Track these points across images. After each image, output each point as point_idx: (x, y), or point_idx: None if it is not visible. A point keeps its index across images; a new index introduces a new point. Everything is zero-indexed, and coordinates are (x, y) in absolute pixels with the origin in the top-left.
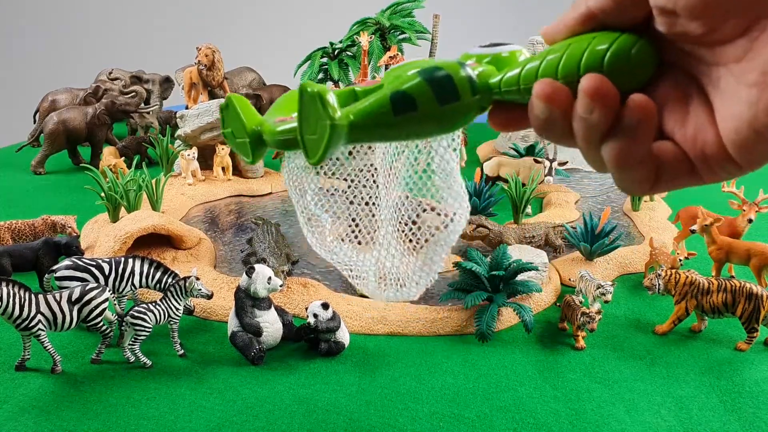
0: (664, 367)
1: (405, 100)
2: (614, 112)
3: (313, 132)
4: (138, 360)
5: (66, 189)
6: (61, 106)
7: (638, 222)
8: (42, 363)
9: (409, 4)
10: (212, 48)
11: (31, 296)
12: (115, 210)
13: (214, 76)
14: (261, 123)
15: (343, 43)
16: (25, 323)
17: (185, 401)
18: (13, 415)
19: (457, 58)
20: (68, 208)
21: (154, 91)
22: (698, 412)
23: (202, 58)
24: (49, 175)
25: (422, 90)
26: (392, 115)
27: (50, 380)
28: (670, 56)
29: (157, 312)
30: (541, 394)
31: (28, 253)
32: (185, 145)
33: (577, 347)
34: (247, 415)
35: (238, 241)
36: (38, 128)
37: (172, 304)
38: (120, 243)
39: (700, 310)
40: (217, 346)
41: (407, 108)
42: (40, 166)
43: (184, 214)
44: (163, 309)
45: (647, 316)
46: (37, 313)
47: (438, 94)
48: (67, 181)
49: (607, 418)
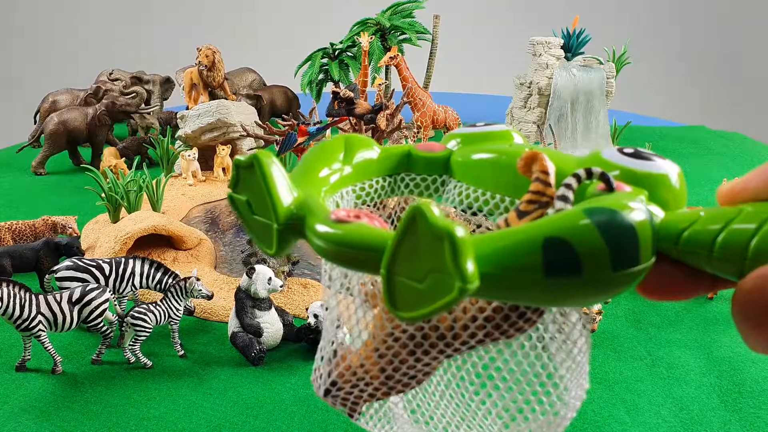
0: (665, 368)
1: (566, 258)
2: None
3: (417, 277)
4: (138, 360)
5: (66, 190)
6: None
7: None
8: (42, 363)
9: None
10: (213, 49)
11: (32, 297)
12: (116, 211)
13: (214, 77)
14: (303, 204)
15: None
16: (26, 324)
17: (185, 401)
18: (14, 415)
19: (446, 139)
20: (69, 208)
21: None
22: (699, 413)
23: (202, 59)
24: (49, 176)
25: (595, 246)
26: (542, 275)
27: (51, 381)
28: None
29: (157, 312)
30: None
31: (29, 253)
32: (186, 146)
33: None
34: (247, 415)
35: (238, 241)
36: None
37: (173, 305)
38: (120, 243)
39: None
40: (218, 346)
41: (567, 269)
42: (40, 167)
43: (185, 215)
44: (164, 309)
45: (648, 316)
46: (38, 314)
47: (615, 254)
48: (67, 182)
49: (608, 419)
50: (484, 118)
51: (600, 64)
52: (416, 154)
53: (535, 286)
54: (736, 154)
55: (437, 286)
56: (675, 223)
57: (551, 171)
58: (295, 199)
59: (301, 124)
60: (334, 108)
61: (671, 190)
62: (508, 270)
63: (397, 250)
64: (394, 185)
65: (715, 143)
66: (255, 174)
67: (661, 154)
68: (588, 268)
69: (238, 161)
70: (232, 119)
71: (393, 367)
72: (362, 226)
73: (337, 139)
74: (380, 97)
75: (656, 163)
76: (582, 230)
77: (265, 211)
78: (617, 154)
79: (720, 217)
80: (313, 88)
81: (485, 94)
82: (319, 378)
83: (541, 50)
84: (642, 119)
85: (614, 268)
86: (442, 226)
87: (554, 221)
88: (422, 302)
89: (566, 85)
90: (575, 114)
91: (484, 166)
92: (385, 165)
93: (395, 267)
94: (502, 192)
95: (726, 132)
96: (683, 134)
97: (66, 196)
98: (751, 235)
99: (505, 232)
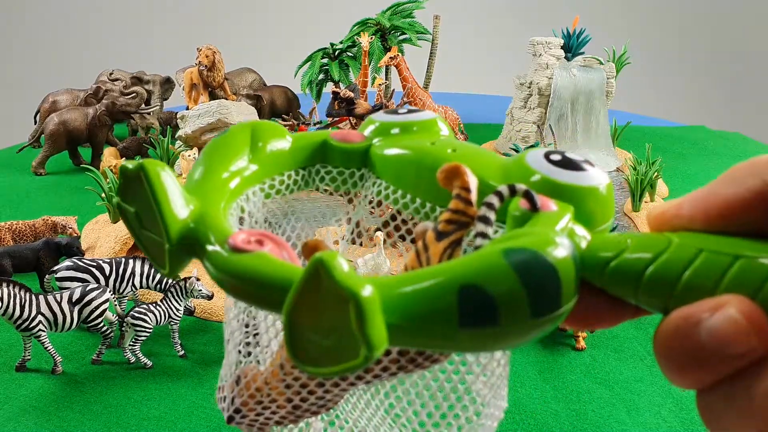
0: None
1: (482, 307)
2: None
3: (321, 332)
4: (138, 360)
5: (66, 190)
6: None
7: (639, 222)
8: (42, 364)
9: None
10: (213, 49)
11: (32, 297)
12: (116, 211)
13: (214, 77)
14: (199, 220)
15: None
16: (26, 324)
17: (186, 401)
18: (14, 415)
19: (364, 126)
20: (69, 209)
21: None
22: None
23: (202, 59)
24: (49, 176)
25: (513, 293)
26: (455, 327)
27: (51, 381)
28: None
29: (157, 313)
30: (542, 395)
31: (29, 253)
32: (186, 146)
33: (578, 348)
34: None
35: None
36: (39, 129)
37: (173, 305)
38: (120, 244)
39: None
40: (218, 346)
41: (483, 319)
42: (40, 167)
43: None
44: (164, 310)
45: (648, 316)
46: (38, 314)
47: (535, 301)
48: (67, 182)
49: (608, 419)
50: (484, 118)
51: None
52: (332, 145)
53: (447, 338)
54: (737, 155)
55: (342, 346)
56: (602, 251)
57: (473, 188)
58: (191, 214)
59: (301, 124)
60: (334, 108)
61: (599, 202)
62: (419, 322)
63: (300, 298)
64: (309, 178)
65: (715, 143)
66: (143, 186)
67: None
68: (505, 317)
69: (124, 168)
70: (233, 119)
71: (301, 397)
72: (263, 258)
73: (241, 130)
74: (380, 97)
75: (585, 174)
76: (500, 276)
77: (155, 228)
78: (543, 160)
79: (649, 246)
80: (313, 88)
81: (485, 94)
82: (223, 401)
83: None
84: (642, 119)
85: (534, 315)
86: (348, 287)
87: (470, 265)
88: (326, 360)
89: (566, 86)
90: (575, 114)
91: (404, 164)
92: (297, 157)
93: (297, 316)
94: (423, 197)
95: (726, 132)
96: (683, 134)
97: (66, 197)
98: (681, 272)
99: (415, 276)
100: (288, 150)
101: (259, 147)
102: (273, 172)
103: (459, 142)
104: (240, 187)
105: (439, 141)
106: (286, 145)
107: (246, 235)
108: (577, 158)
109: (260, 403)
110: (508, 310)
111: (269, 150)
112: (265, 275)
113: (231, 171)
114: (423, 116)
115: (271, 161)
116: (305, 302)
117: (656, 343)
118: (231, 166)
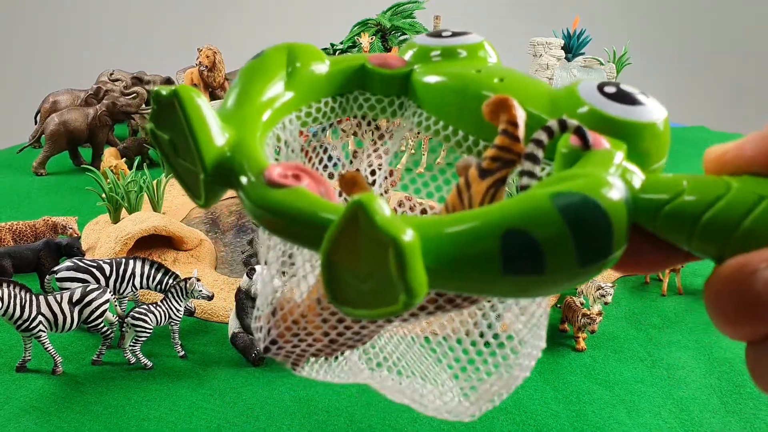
0: (665, 369)
1: (526, 253)
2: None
3: (360, 276)
4: (139, 361)
5: (67, 190)
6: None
7: None
8: (43, 364)
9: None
10: (213, 49)
11: (32, 297)
12: (116, 211)
13: (215, 78)
14: (235, 149)
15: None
16: (26, 324)
17: (186, 402)
18: (14, 416)
19: (404, 50)
20: (69, 209)
21: None
22: (699, 414)
23: (203, 60)
24: (50, 177)
25: (559, 238)
26: (499, 273)
27: (51, 381)
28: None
29: (157, 313)
30: (542, 396)
31: (29, 254)
32: None
33: (578, 348)
34: (247, 416)
35: (239, 242)
36: (39, 129)
37: (173, 306)
38: (121, 244)
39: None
40: (218, 347)
41: (527, 267)
42: (41, 167)
43: (185, 215)
44: (164, 310)
45: (648, 317)
46: (38, 314)
47: (584, 250)
48: (68, 183)
49: (608, 420)
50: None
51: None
52: (370, 70)
53: (489, 283)
54: None
55: (381, 291)
56: (656, 193)
57: (521, 123)
58: (227, 142)
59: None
60: None
61: (655, 139)
62: (461, 266)
63: (338, 240)
64: (346, 105)
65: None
66: (177, 113)
67: None
68: (551, 265)
69: (157, 94)
70: None
71: (337, 332)
72: (300, 194)
73: (277, 52)
74: None
75: (641, 109)
76: (547, 221)
77: (190, 157)
78: (596, 92)
79: (707, 190)
80: None
81: None
82: (259, 331)
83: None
84: None
85: (582, 263)
86: (388, 231)
87: (515, 208)
88: (364, 303)
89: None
90: None
91: (447, 94)
92: (335, 82)
93: (336, 257)
94: (466, 129)
95: (727, 133)
96: (683, 135)
97: (66, 197)
98: (740, 219)
99: (457, 218)
100: (325, 75)
101: (295, 71)
102: (310, 98)
103: (507, 70)
104: (276, 115)
105: (485, 68)
106: (323, 69)
107: (282, 168)
108: (633, 90)
109: (296, 336)
110: (554, 258)
111: (306, 74)
112: (303, 212)
113: (267, 98)
114: (468, 40)
115: (308, 87)
116: (344, 244)
117: (708, 291)
118: (267, 91)
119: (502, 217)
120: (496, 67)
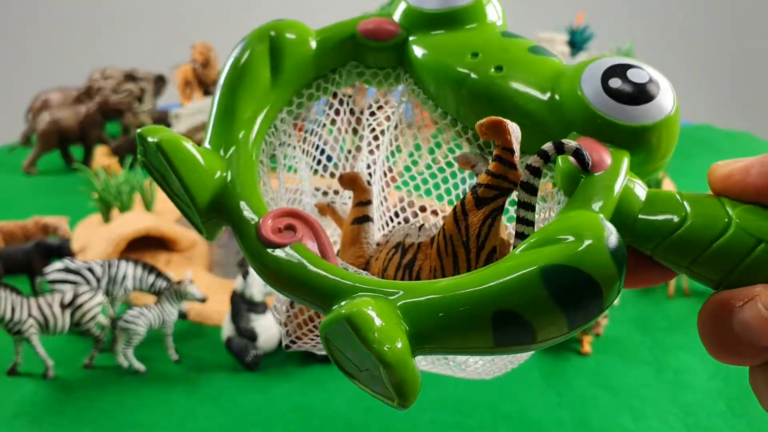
0: (671, 373)
1: (516, 328)
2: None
3: (360, 365)
4: (131, 365)
5: (58, 190)
6: (53, 106)
7: None
8: (34, 368)
9: None
10: (207, 46)
11: (23, 299)
12: (108, 211)
13: (209, 75)
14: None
15: None
16: (17, 327)
17: (179, 407)
18: (5, 421)
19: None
20: (60, 209)
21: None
22: (706, 418)
23: (197, 56)
24: (40, 176)
25: (550, 316)
26: (491, 342)
27: (42, 385)
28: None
29: (150, 316)
30: (546, 402)
31: (20, 255)
32: None
33: (583, 352)
34: (242, 422)
35: (233, 243)
36: (30, 128)
37: (166, 308)
38: (113, 245)
39: None
40: (212, 351)
41: (518, 339)
42: (31, 167)
43: (179, 216)
44: (157, 313)
45: (654, 320)
46: (29, 317)
47: (574, 319)
48: (58, 182)
49: (613, 426)
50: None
51: None
52: (362, 43)
53: (481, 353)
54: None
55: (377, 383)
56: (656, 215)
57: (516, 147)
58: (219, 181)
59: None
60: None
61: (665, 135)
62: (454, 342)
63: (334, 330)
64: (340, 80)
65: (722, 143)
66: (162, 162)
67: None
68: (542, 336)
69: (142, 138)
70: None
71: None
72: (295, 258)
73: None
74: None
75: (652, 106)
76: (537, 302)
77: (182, 197)
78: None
79: (711, 220)
80: None
81: None
82: (281, 325)
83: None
84: None
85: (572, 329)
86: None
87: (505, 288)
88: (365, 381)
89: None
90: None
91: (441, 82)
92: (326, 59)
93: (334, 342)
94: (464, 122)
95: (733, 131)
96: (689, 133)
97: (57, 197)
98: (747, 252)
99: (450, 301)
100: (313, 54)
101: (281, 61)
102: (299, 84)
103: (507, 47)
104: (266, 122)
105: (484, 49)
106: (310, 49)
107: (273, 221)
108: (642, 79)
109: (312, 331)
110: (544, 330)
111: (293, 61)
112: (299, 281)
113: (253, 109)
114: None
115: (296, 74)
116: (339, 335)
117: (698, 319)
118: (252, 101)
119: (492, 299)
120: (495, 43)
